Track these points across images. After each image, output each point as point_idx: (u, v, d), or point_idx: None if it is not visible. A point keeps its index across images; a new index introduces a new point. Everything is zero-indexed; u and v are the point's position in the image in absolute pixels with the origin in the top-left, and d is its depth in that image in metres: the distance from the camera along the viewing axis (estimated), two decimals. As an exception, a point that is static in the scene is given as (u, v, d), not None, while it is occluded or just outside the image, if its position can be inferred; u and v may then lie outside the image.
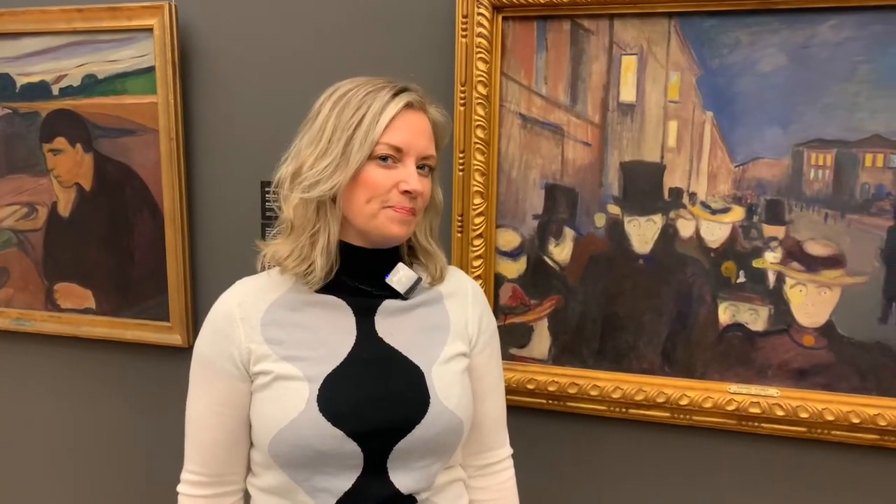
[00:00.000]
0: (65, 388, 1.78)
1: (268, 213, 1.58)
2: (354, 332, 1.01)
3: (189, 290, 1.63)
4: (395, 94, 0.99)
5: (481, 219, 1.41)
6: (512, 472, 1.19)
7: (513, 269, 1.44)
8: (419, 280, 1.06)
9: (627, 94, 1.34)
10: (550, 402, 1.44)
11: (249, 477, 1.07)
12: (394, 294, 1.05)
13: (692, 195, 1.33)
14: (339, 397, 0.96)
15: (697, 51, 1.30)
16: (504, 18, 1.37)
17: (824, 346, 1.31)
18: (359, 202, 0.98)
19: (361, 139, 0.96)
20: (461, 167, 1.41)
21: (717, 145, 1.31)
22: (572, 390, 1.41)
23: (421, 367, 1.02)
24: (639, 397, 1.38)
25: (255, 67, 1.54)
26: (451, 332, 1.07)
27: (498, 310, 1.45)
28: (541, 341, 1.45)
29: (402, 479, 0.99)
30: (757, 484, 1.38)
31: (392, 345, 1.02)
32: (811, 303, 1.30)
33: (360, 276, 1.03)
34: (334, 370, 0.98)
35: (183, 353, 1.65)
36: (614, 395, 1.39)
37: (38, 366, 1.79)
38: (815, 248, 1.29)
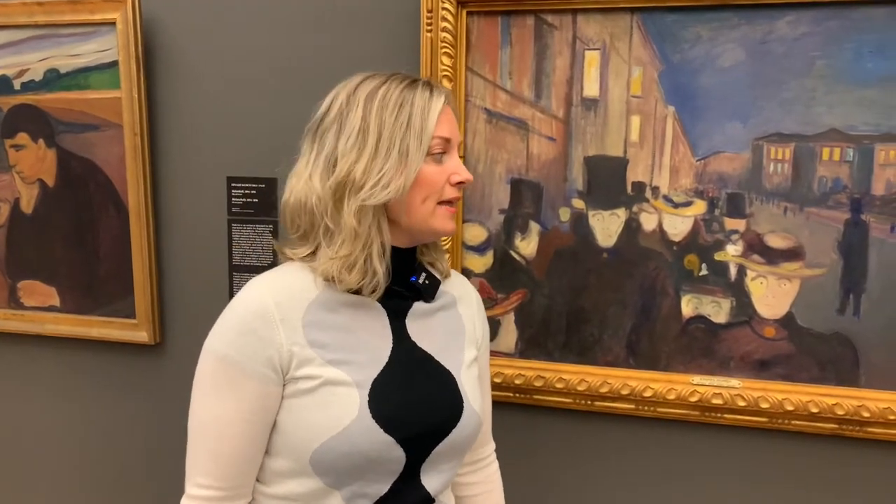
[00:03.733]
0: (29, 387, 1.75)
1: (234, 209, 1.57)
2: (390, 336, 1.00)
3: (155, 286, 1.61)
4: (428, 88, 0.98)
5: (447, 213, 1.41)
6: (497, 464, 1.24)
7: (480, 263, 1.45)
8: (439, 282, 1.07)
9: (591, 88, 1.35)
10: (517, 395, 1.44)
11: (259, 486, 1.00)
12: (418, 295, 1.04)
13: (655, 189, 1.35)
14: (388, 403, 0.95)
15: (659, 46, 1.31)
16: (468, 13, 1.37)
17: (784, 337, 1.33)
18: (415, 202, 0.96)
19: (417, 138, 0.94)
20: (427, 162, 1.41)
21: (679, 139, 1.33)
22: (538, 383, 1.42)
23: (452, 372, 1.04)
24: (604, 389, 1.39)
25: (220, 62, 1.53)
26: (466, 337, 1.09)
27: (465, 304, 1.46)
28: (507, 335, 1.45)
29: (431, 481, 1.01)
30: (720, 473, 1.40)
31: (425, 349, 1.03)
32: (772, 295, 1.32)
33: (392, 277, 0.99)
34: (379, 375, 0.96)
35: (150, 351, 1.64)
36: (580, 388, 1.40)
37: (0, 365, 1.76)
38: (775, 241, 1.31)
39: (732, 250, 1.33)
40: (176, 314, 1.63)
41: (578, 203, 1.38)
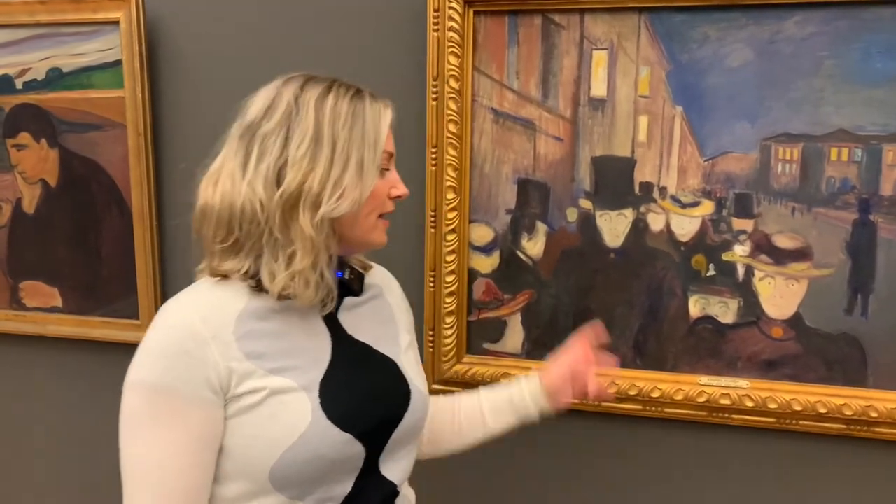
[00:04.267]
0: (31, 388, 1.74)
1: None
2: (327, 333, 0.98)
3: (158, 287, 1.60)
4: (374, 100, 0.96)
5: (454, 214, 1.41)
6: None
7: (486, 263, 1.44)
8: (364, 276, 1.07)
9: (598, 88, 1.35)
10: (524, 396, 1.44)
11: None
12: (346, 291, 1.03)
13: (662, 189, 1.34)
14: (340, 401, 0.93)
15: (667, 46, 1.31)
16: (475, 13, 1.36)
17: (792, 337, 1.33)
18: (362, 216, 0.95)
19: (372, 151, 0.93)
20: (434, 162, 1.40)
21: (687, 140, 1.32)
22: (545, 384, 1.41)
23: (393, 358, 1.04)
24: (611, 390, 1.39)
25: (224, 61, 1.52)
26: (398, 324, 1.10)
27: (471, 304, 1.46)
28: (514, 336, 1.45)
29: (392, 471, 1.00)
30: (727, 474, 1.40)
31: (363, 340, 1.02)
32: (779, 295, 1.32)
33: None
34: (325, 374, 0.94)
35: (153, 352, 1.63)
36: (587, 389, 1.39)
37: (2, 366, 1.75)
38: (783, 241, 1.31)
39: (740, 250, 1.33)
40: (179, 315, 1.62)
41: (586, 203, 1.38)
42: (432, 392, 1.47)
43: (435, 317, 1.45)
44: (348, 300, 1.03)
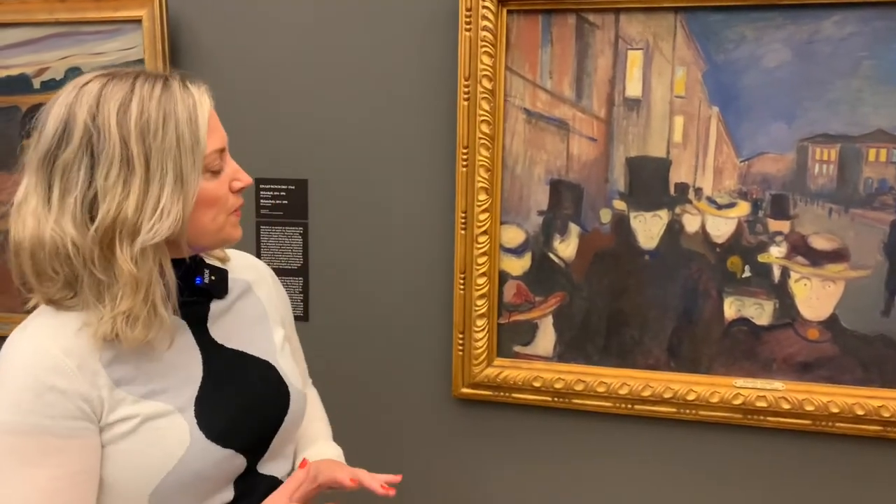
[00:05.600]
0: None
1: (262, 211, 1.54)
2: (197, 348, 0.92)
3: (180, 290, 1.57)
4: (185, 88, 0.85)
5: (486, 215, 1.39)
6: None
7: (517, 265, 1.43)
8: (226, 272, 0.99)
9: (633, 88, 1.34)
10: (556, 399, 1.43)
11: None
12: (209, 296, 0.96)
13: (698, 190, 1.33)
14: (218, 418, 0.89)
15: (703, 46, 1.30)
16: (509, 12, 1.35)
17: (828, 339, 1.32)
18: (204, 222, 0.86)
19: (191, 156, 0.82)
20: (465, 163, 1.39)
21: (723, 140, 1.31)
22: (579, 387, 1.40)
23: (269, 360, 1.00)
24: (646, 393, 1.37)
25: (248, 61, 1.50)
26: (270, 319, 1.04)
27: (502, 307, 1.44)
28: (545, 338, 1.43)
29: (275, 468, 0.98)
30: (761, 477, 1.39)
31: (235, 347, 0.97)
32: (815, 296, 1.31)
33: (178, 288, 0.88)
34: (199, 392, 0.89)
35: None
36: (621, 392, 1.38)
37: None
38: (820, 243, 1.30)
39: (776, 252, 1.32)
40: (201, 319, 1.59)
41: (620, 204, 1.37)
42: (464, 396, 1.46)
43: (465, 320, 1.43)
44: (215, 306, 0.96)
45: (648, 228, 1.36)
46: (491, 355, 1.45)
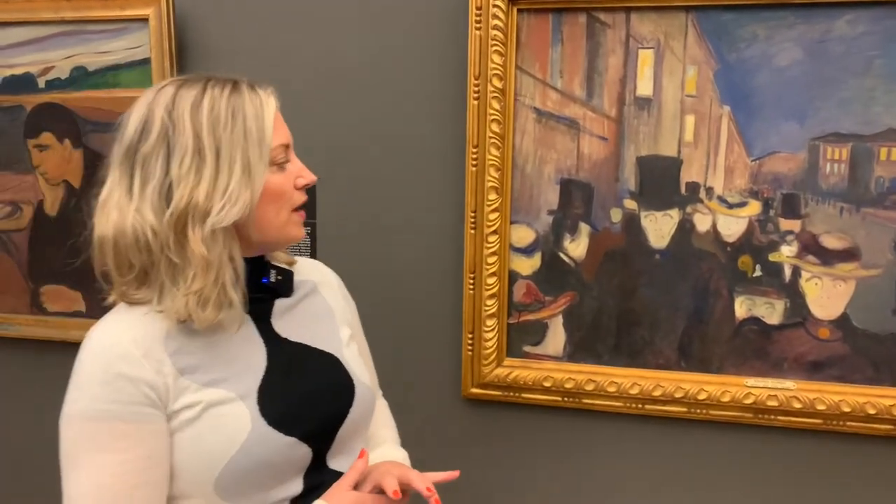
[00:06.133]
0: (54, 394, 1.69)
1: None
2: (261, 340, 0.96)
3: (187, 291, 1.56)
4: (253, 91, 0.91)
5: (496, 215, 1.39)
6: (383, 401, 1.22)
7: (527, 265, 1.42)
8: (292, 274, 1.03)
9: (644, 88, 1.33)
10: (566, 399, 1.42)
11: None
12: (275, 294, 1.00)
13: (709, 189, 1.33)
14: (279, 405, 0.91)
15: (714, 45, 1.29)
16: (519, 11, 1.34)
17: (839, 338, 1.32)
18: (269, 216, 0.91)
19: (257, 148, 0.88)
20: (474, 162, 1.38)
21: (734, 139, 1.31)
22: (589, 387, 1.40)
23: (334, 354, 1.02)
24: (656, 393, 1.37)
25: (255, 61, 1.49)
26: (336, 318, 1.07)
27: (511, 307, 1.44)
28: (555, 338, 1.43)
29: (343, 464, 0.99)
30: (773, 476, 1.39)
31: (299, 341, 1.00)
32: (826, 296, 1.31)
33: (245, 285, 0.93)
34: (262, 381, 0.92)
35: (181, 357, 1.59)
36: (632, 392, 1.38)
37: (23, 372, 1.71)
38: (831, 242, 1.30)
39: (787, 251, 1.32)
40: (208, 319, 1.59)
41: (630, 204, 1.36)
42: (473, 396, 1.46)
43: (475, 319, 1.43)
44: (280, 303, 1.00)
45: (659, 228, 1.36)
46: (501, 355, 1.44)
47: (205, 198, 0.85)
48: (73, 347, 1.62)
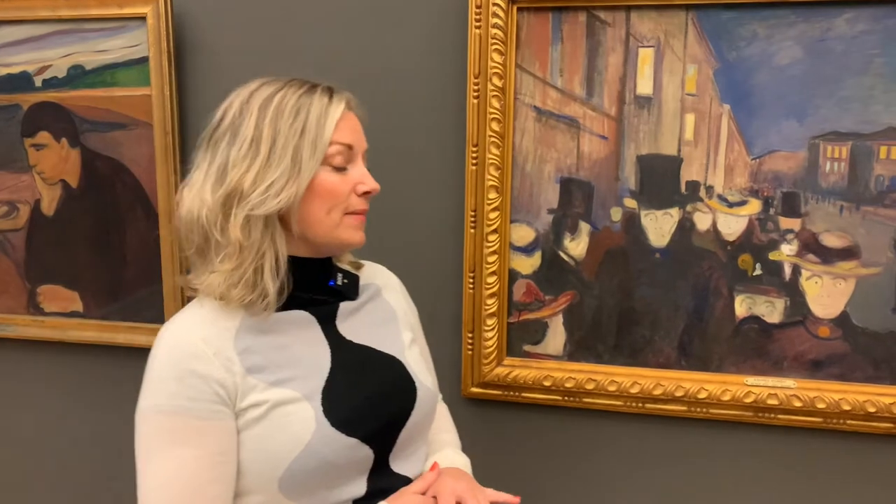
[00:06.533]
0: (52, 394, 1.69)
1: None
2: (326, 342, 0.98)
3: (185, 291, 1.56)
4: (329, 95, 0.94)
5: (496, 214, 1.38)
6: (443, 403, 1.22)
7: (527, 264, 1.42)
8: (358, 277, 1.06)
9: (644, 86, 1.33)
10: (566, 398, 1.42)
11: None
12: (341, 297, 1.02)
13: (709, 188, 1.33)
14: (343, 406, 0.93)
15: (715, 44, 1.29)
16: (519, 9, 1.34)
17: (839, 336, 1.32)
18: (318, 214, 0.93)
19: (311, 145, 0.90)
20: (474, 161, 1.38)
21: (734, 138, 1.31)
22: (589, 386, 1.40)
23: (397, 357, 1.03)
24: (657, 392, 1.37)
25: (255, 58, 1.48)
26: (399, 322, 1.09)
27: (511, 306, 1.43)
28: (555, 337, 1.43)
29: (405, 466, 1.00)
30: (773, 474, 1.39)
31: (363, 343, 1.01)
32: (826, 294, 1.31)
33: (310, 287, 0.98)
34: (327, 382, 0.94)
35: (180, 357, 1.58)
36: (632, 391, 1.38)
37: (21, 373, 1.70)
38: (831, 240, 1.30)
39: (787, 250, 1.32)
40: (207, 319, 1.58)
41: (630, 203, 1.36)
42: (473, 395, 1.45)
43: (475, 319, 1.43)
44: (344, 306, 1.02)
45: (659, 226, 1.36)
46: (501, 354, 1.44)
47: (250, 184, 0.89)
48: (71, 348, 1.63)
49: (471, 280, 1.42)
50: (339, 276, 1.02)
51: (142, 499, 0.89)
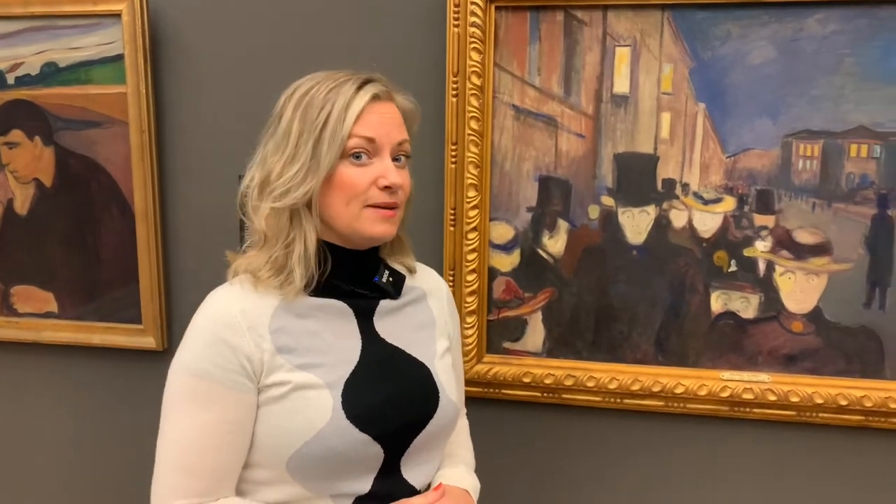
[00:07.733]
0: (27, 397, 1.66)
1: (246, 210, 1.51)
2: (359, 335, 0.99)
3: (162, 291, 1.54)
4: (360, 87, 0.94)
5: (476, 212, 1.39)
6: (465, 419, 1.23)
7: (506, 262, 1.43)
8: (404, 278, 1.06)
9: (621, 85, 1.34)
10: (545, 394, 1.43)
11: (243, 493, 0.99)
12: (383, 294, 1.03)
13: (685, 186, 1.35)
14: (361, 401, 0.94)
15: (690, 43, 1.31)
16: (497, 8, 1.35)
17: (812, 331, 1.34)
18: (337, 205, 0.94)
19: (330, 137, 0.91)
20: (453, 159, 1.38)
21: (710, 136, 1.33)
22: (569, 382, 1.41)
23: (426, 363, 1.03)
24: (635, 387, 1.39)
25: (231, 56, 1.47)
26: (437, 329, 1.09)
27: (491, 303, 1.44)
28: (535, 334, 1.44)
29: (413, 474, 1.00)
30: (749, 467, 1.41)
31: (395, 344, 1.02)
32: (799, 290, 1.34)
33: (350, 278, 1.00)
34: (351, 374, 0.95)
35: (157, 357, 1.57)
36: (611, 386, 1.39)
37: (-6, 375, 1.67)
38: (804, 237, 1.33)
39: (761, 246, 1.34)
40: (185, 319, 1.53)
41: (608, 200, 1.38)
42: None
43: (454, 316, 1.43)
44: (385, 304, 1.03)
45: (636, 224, 1.37)
46: (481, 352, 1.45)
47: (275, 177, 0.93)
48: (46, 349, 1.61)
49: (451, 277, 1.42)
50: (386, 273, 1.03)
51: (158, 450, 0.94)
